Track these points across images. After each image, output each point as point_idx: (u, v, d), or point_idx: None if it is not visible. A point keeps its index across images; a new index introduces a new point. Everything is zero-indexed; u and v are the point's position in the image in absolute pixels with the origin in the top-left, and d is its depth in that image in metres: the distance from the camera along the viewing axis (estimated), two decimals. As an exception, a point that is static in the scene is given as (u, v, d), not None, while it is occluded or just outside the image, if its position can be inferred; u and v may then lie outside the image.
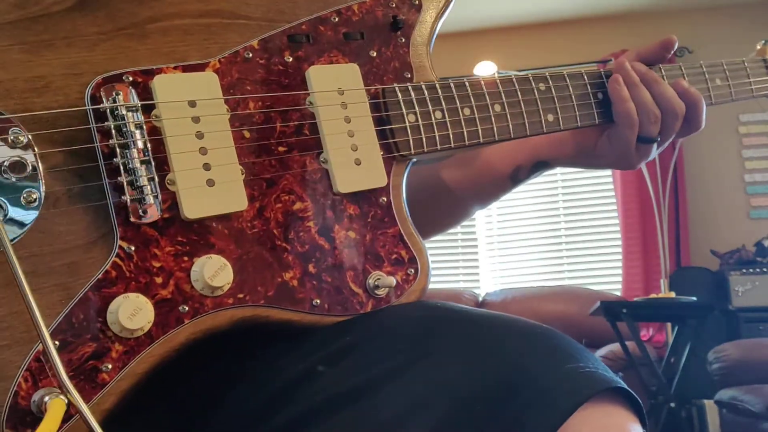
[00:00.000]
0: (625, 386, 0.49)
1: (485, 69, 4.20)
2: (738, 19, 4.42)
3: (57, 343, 0.49)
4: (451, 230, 5.07)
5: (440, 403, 0.46)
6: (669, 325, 3.85)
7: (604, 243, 4.60)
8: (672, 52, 0.84)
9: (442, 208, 0.90)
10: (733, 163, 4.40)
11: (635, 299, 3.64)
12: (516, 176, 0.86)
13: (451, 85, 0.71)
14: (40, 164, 0.51)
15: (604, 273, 4.58)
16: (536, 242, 4.69)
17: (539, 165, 0.87)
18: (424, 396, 0.47)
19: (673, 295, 3.48)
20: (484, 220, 4.79)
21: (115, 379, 0.50)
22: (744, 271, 3.79)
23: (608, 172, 4.58)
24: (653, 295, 3.58)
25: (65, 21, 0.54)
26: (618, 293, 4.34)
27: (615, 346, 3.40)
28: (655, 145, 0.80)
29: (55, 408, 0.45)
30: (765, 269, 3.77)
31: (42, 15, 0.54)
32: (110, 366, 0.50)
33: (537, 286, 4.44)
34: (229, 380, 0.59)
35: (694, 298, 3.38)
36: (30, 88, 0.52)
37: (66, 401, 0.46)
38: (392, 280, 0.61)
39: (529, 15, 4.60)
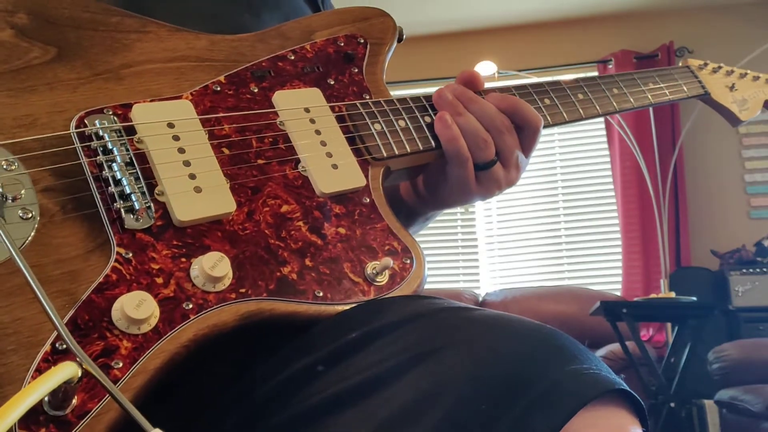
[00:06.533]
0: (628, 388, 0.49)
1: (485, 69, 4.20)
2: (738, 19, 4.42)
3: (64, 346, 0.49)
4: (451, 230, 5.03)
5: (445, 401, 0.46)
6: (669, 325, 3.85)
7: (604, 243, 4.60)
8: (481, 86, 0.78)
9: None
10: (733, 163, 4.40)
11: (635, 299, 3.65)
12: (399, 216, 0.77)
13: (408, 99, 0.76)
14: (32, 184, 0.54)
15: (604, 273, 4.58)
16: (536, 242, 4.69)
17: (410, 212, 0.83)
18: (428, 394, 0.47)
19: (673, 295, 3.49)
20: (484, 220, 4.79)
21: (127, 375, 0.50)
22: (744, 271, 3.79)
23: (608, 171, 4.58)
24: (653, 295, 3.59)
25: (46, 70, 0.60)
26: (618, 293, 4.34)
27: (615, 346, 3.40)
28: (499, 168, 0.74)
29: (61, 367, 0.44)
30: (765, 269, 3.77)
31: (25, 67, 0.60)
32: (121, 363, 0.50)
33: (537, 286, 4.44)
34: (230, 378, 0.59)
35: (694, 298, 3.38)
36: (18, 124, 0.56)
37: (80, 369, 0.44)
38: (389, 261, 0.63)
39: (529, 15, 4.61)
